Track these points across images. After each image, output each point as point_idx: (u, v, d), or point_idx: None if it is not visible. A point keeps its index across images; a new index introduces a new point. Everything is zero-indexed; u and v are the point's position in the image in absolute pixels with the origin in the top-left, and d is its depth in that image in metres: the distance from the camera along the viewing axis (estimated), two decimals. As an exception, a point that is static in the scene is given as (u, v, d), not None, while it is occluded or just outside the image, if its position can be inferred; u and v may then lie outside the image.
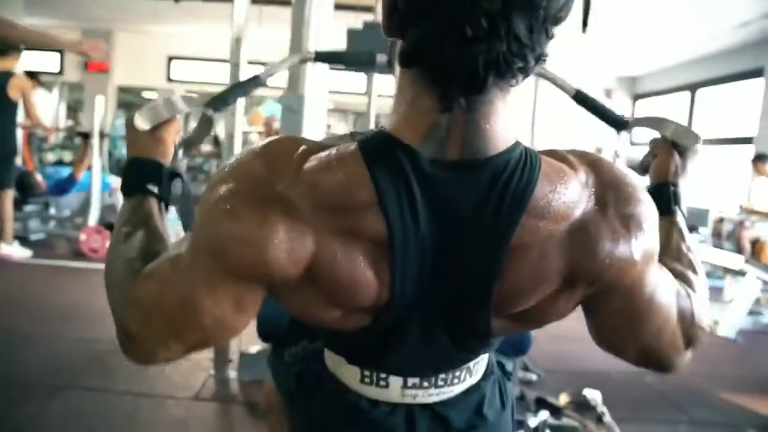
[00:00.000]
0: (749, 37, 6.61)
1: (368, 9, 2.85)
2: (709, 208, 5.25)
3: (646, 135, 0.92)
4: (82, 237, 4.38)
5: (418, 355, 0.69)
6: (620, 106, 8.95)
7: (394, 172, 0.57)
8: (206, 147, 9.78)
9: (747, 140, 6.68)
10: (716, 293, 4.81)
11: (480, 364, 0.79)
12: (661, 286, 0.66)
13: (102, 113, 4.73)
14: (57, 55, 9.62)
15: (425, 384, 0.73)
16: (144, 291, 0.62)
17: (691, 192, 0.87)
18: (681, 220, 0.85)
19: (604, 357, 0.77)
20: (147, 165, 0.78)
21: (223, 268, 0.57)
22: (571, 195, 0.59)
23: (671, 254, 0.80)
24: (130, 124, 0.79)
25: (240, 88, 0.93)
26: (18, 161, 4.63)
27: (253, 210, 0.56)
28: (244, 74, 2.30)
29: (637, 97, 9.70)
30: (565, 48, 5.15)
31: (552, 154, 0.63)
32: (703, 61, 7.66)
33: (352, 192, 0.56)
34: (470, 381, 0.78)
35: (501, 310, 0.63)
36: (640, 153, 0.97)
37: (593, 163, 0.62)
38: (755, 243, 5.02)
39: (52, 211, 4.80)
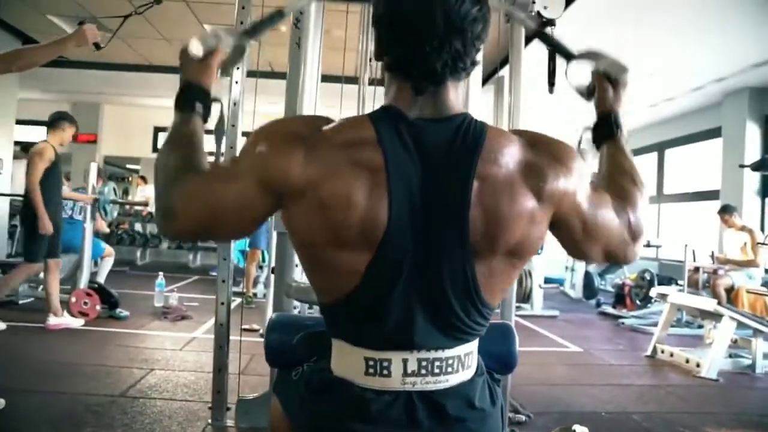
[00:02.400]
0: (706, 100, 7.09)
1: (353, 80, 3.10)
2: (685, 261, 5.45)
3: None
4: (72, 299, 4.38)
5: (418, 315, 0.82)
6: (592, 167, 9.30)
7: (389, 122, 0.82)
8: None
9: (714, 194, 7.02)
10: (697, 340, 4.95)
11: (471, 358, 0.90)
12: (601, 201, 0.90)
13: (95, 179, 4.85)
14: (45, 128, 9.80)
15: (423, 371, 0.85)
16: (195, 184, 0.85)
17: (627, 116, 1.04)
18: (623, 141, 1.03)
19: (592, 399, 0.92)
20: (197, 89, 0.96)
21: (255, 177, 0.81)
22: (509, 144, 0.84)
23: (618, 170, 0.99)
24: (184, 51, 0.96)
25: (268, 21, 1.07)
26: None
27: (284, 142, 0.81)
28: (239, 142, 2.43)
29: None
30: (536, 118, 5.46)
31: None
32: (668, 122, 8.14)
33: (358, 131, 0.81)
34: (463, 375, 0.88)
35: (481, 245, 0.80)
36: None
37: (520, 131, 0.90)
38: (730, 291, 5.20)
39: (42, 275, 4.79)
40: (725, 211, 5.62)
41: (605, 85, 1.05)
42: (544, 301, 6.56)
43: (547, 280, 7.17)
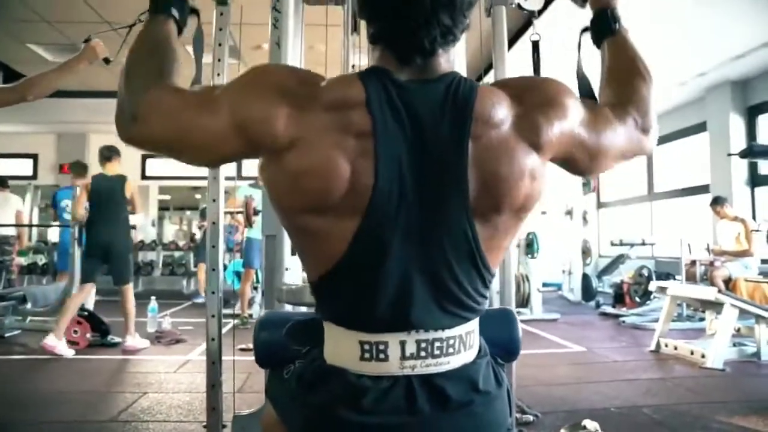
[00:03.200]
0: (690, 96, 7.13)
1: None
2: (681, 256, 5.43)
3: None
4: (62, 328, 4.26)
5: (416, 288, 0.76)
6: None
7: (379, 83, 0.78)
8: (182, 242, 9.90)
9: (704, 188, 7.02)
10: (700, 333, 4.90)
11: (472, 338, 0.84)
12: (600, 120, 0.87)
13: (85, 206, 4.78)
14: (30, 160, 9.74)
15: (422, 353, 0.79)
16: (166, 95, 0.81)
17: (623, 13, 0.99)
18: (623, 34, 0.98)
19: (599, 396, 0.87)
20: None
21: (234, 119, 0.76)
22: (499, 101, 0.79)
23: (619, 65, 0.96)
24: None
25: None
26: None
27: (273, 94, 0.75)
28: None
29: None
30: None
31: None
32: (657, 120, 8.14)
33: (348, 92, 0.76)
34: (465, 356, 0.83)
35: (483, 206, 0.77)
36: None
37: (504, 82, 0.87)
38: (728, 282, 5.16)
39: (29, 305, 4.69)
40: (717, 202, 5.61)
41: None
42: (544, 305, 6.50)
43: (545, 285, 7.11)
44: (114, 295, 4.63)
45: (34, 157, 9.84)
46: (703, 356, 3.87)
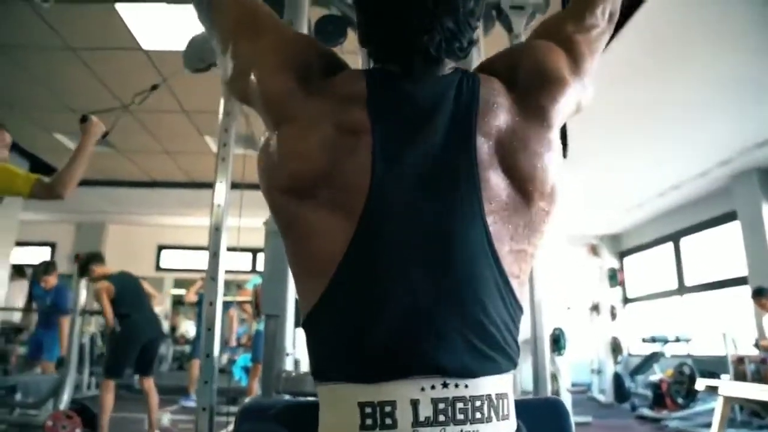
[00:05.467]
0: (714, 185, 6.95)
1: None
2: (727, 353, 5.00)
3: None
4: (49, 423, 3.93)
5: (425, 314, 0.63)
6: (607, 262, 9.03)
7: (383, 81, 0.76)
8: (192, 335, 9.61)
9: (742, 280, 6.64)
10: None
11: (505, 404, 0.65)
12: (581, 28, 0.87)
13: (85, 295, 4.68)
14: (48, 249, 9.77)
15: (441, 418, 0.60)
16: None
17: None
18: None
19: None
20: None
21: (259, 60, 0.80)
22: (498, 88, 0.78)
23: None
24: None
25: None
26: None
27: (300, 65, 0.77)
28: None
29: (622, 254, 9.86)
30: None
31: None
32: (681, 210, 7.94)
33: (351, 86, 0.75)
34: (498, 427, 0.63)
35: (503, 209, 0.70)
36: None
37: (490, 63, 0.86)
38: (783, 381, 4.69)
39: (18, 396, 4.40)
40: (761, 294, 5.25)
41: None
42: (573, 407, 5.95)
43: (573, 384, 6.61)
44: (120, 389, 4.38)
45: (53, 245, 9.88)
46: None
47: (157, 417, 4.31)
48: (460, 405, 0.61)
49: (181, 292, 10.83)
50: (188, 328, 10.93)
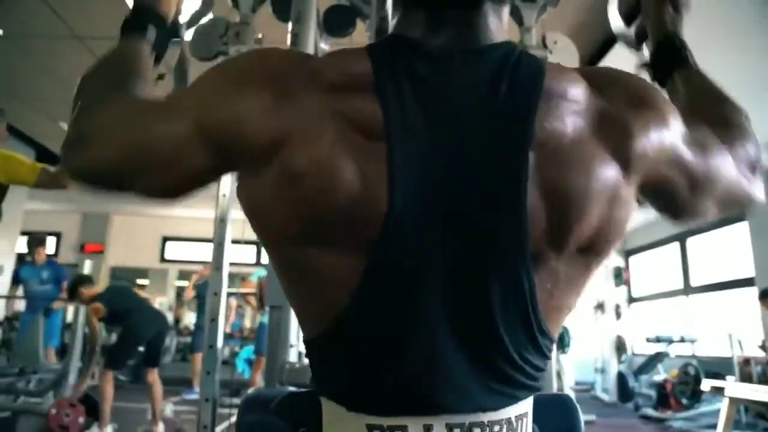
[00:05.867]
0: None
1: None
2: (733, 354, 4.96)
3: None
4: (53, 411, 3.94)
5: (446, 357, 0.52)
6: (612, 261, 8.99)
7: (395, 56, 0.56)
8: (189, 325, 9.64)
9: (749, 281, 6.58)
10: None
11: (524, 424, 0.58)
12: (703, 139, 0.63)
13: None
14: (53, 238, 9.79)
15: None
16: (122, 106, 0.60)
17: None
18: (696, 64, 0.80)
19: None
20: (150, 12, 0.75)
21: (197, 120, 0.55)
22: (575, 88, 0.57)
23: (707, 95, 0.76)
24: None
25: None
26: None
27: (248, 80, 0.56)
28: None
29: (628, 253, 9.81)
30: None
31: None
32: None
33: (350, 67, 0.55)
34: None
35: (544, 242, 0.53)
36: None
37: (582, 68, 0.63)
38: (788, 384, 4.64)
39: (21, 385, 4.41)
40: (767, 295, 5.19)
41: (663, 5, 0.83)
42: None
43: (577, 383, 6.59)
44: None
45: (58, 235, 9.90)
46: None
47: (161, 408, 4.31)
48: (477, 430, 0.54)
49: (185, 284, 10.89)
50: (192, 319, 10.98)
